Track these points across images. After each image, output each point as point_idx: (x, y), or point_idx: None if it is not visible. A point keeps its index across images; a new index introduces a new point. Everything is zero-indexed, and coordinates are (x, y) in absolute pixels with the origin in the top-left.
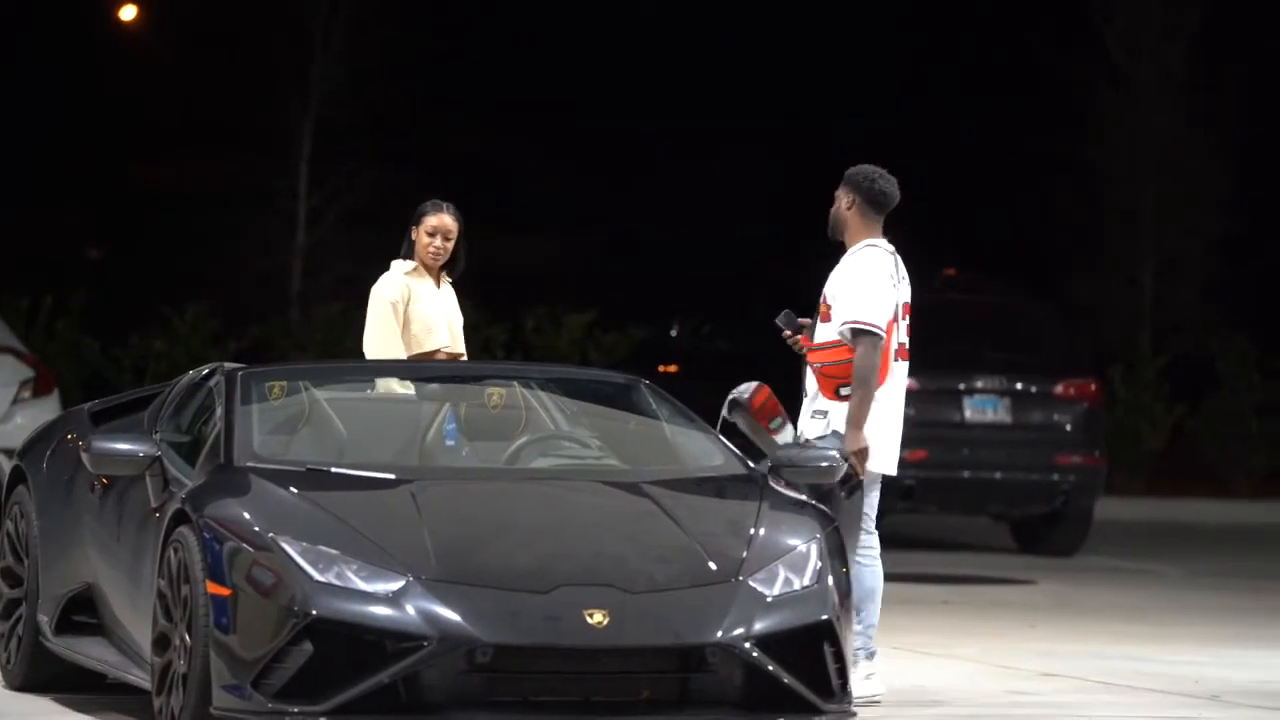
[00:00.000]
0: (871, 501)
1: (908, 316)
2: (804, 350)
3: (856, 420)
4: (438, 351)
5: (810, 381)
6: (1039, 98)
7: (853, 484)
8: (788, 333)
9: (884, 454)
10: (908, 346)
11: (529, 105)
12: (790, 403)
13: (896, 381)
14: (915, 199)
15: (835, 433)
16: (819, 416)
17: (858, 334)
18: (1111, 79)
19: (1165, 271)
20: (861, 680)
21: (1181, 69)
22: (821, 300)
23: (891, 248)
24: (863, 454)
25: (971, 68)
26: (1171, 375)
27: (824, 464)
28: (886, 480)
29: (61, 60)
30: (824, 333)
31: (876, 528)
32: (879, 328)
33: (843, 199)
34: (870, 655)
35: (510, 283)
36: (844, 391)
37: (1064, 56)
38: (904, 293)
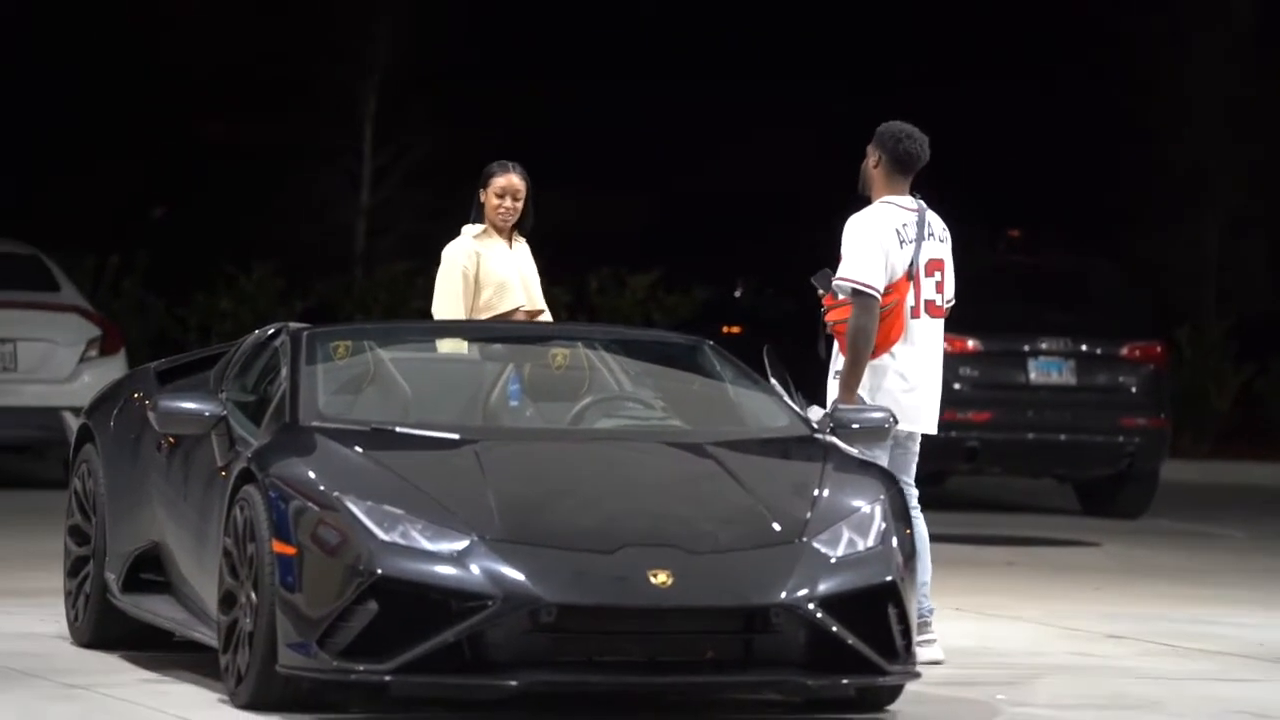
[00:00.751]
0: (911, 459)
1: (938, 273)
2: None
3: (846, 383)
4: (516, 310)
5: (834, 342)
6: (1102, 56)
7: None
8: (822, 292)
9: (919, 413)
10: (940, 303)
11: (591, 67)
12: None
13: (924, 339)
14: (977, 161)
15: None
16: (839, 378)
17: (854, 294)
18: (1177, 36)
19: (1231, 232)
20: (922, 645)
21: (1249, 25)
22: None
23: (916, 204)
24: None
25: (1035, 27)
26: (1238, 337)
27: (874, 425)
28: (951, 441)
29: (123, 18)
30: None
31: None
32: (871, 287)
33: (871, 156)
34: (929, 612)
35: (574, 244)
36: None
37: (1128, 14)
38: (933, 249)
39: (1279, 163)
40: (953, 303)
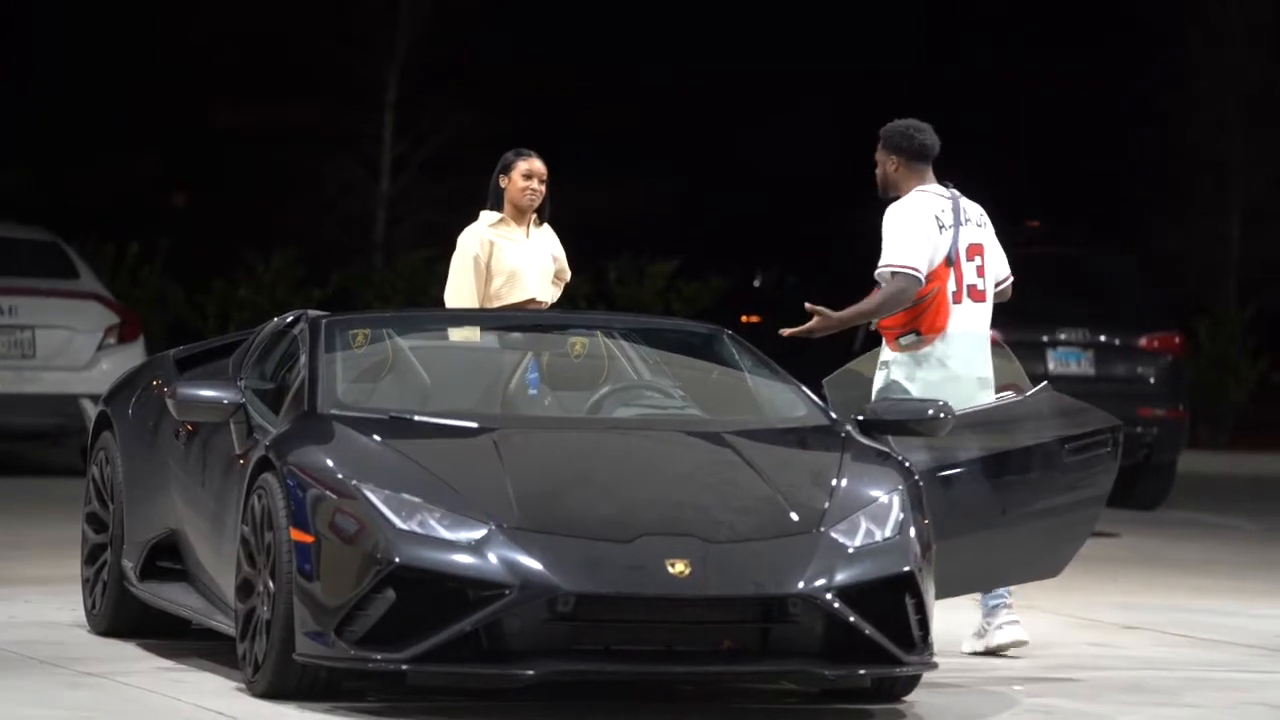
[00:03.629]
0: None
1: (978, 258)
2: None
3: (844, 318)
4: (530, 301)
5: (881, 337)
6: (1126, 48)
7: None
8: None
9: (962, 402)
10: (982, 288)
11: (610, 54)
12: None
13: (967, 325)
14: (999, 152)
15: (894, 383)
16: (883, 368)
17: (893, 276)
18: (1199, 29)
19: (1251, 224)
20: (1012, 627)
21: (1269, 17)
22: None
23: (949, 191)
24: (812, 330)
25: (1058, 17)
26: (1257, 328)
27: (929, 414)
28: None
29: (145, 6)
30: None
31: None
32: (911, 269)
33: (886, 162)
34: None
35: (593, 233)
36: (903, 341)
37: (1150, 6)
38: (972, 234)
39: None
40: (1010, 279)
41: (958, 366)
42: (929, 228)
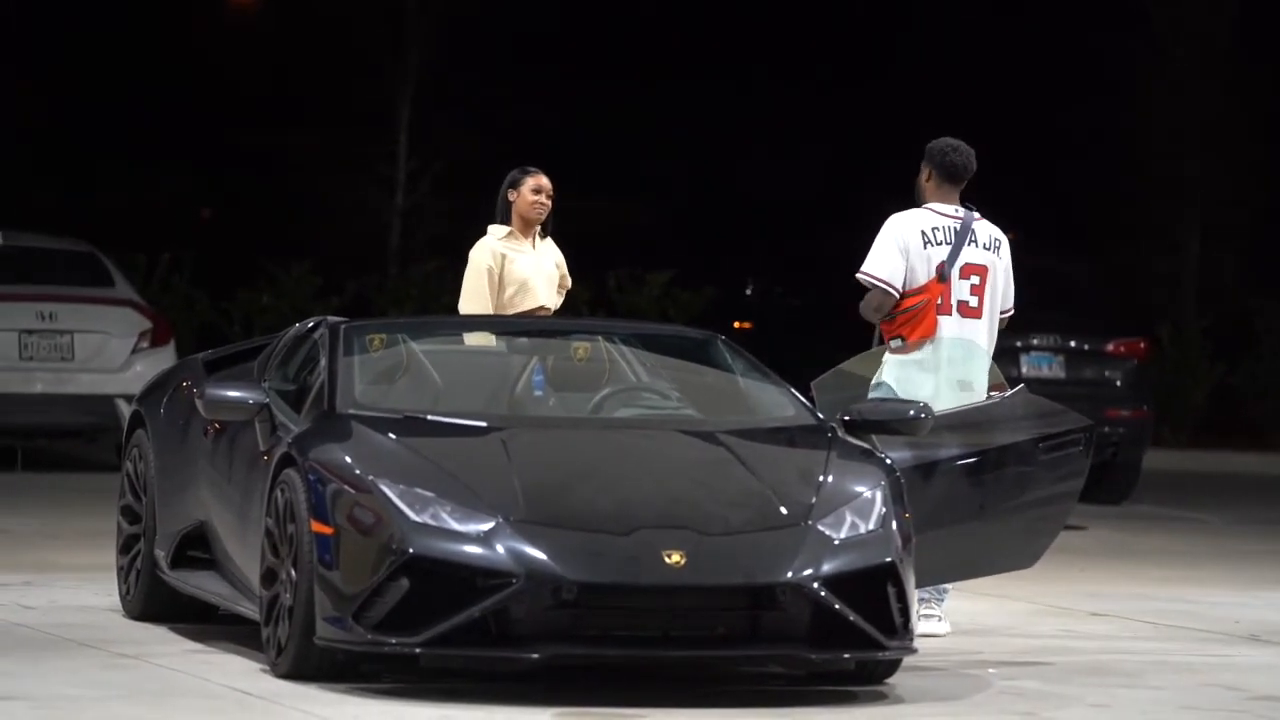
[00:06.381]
0: None
1: (974, 277)
2: None
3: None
4: (540, 308)
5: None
6: (1088, 72)
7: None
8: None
9: (940, 396)
10: (975, 305)
11: (607, 74)
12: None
13: (955, 331)
14: (979, 173)
15: (883, 383)
16: (881, 365)
17: (871, 288)
18: (1156, 55)
19: (1208, 238)
20: (927, 620)
21: (1224, 42)
22: None
23: (959, 211)
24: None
25: (1025, 43)
26: (1214, 336)
27: (910, 414)
28: None
29: (180, 33)
30: None
31: None
32: (879, 280)
33: (923, 171)
34: (941, 594)
35: (594, 244)
36: (893, 345)
37: (1111, 32)
38: (976, 255)
39: (1253, 173)
40: (1010, 311)
41: (940, 368)
42: (910, 243)
